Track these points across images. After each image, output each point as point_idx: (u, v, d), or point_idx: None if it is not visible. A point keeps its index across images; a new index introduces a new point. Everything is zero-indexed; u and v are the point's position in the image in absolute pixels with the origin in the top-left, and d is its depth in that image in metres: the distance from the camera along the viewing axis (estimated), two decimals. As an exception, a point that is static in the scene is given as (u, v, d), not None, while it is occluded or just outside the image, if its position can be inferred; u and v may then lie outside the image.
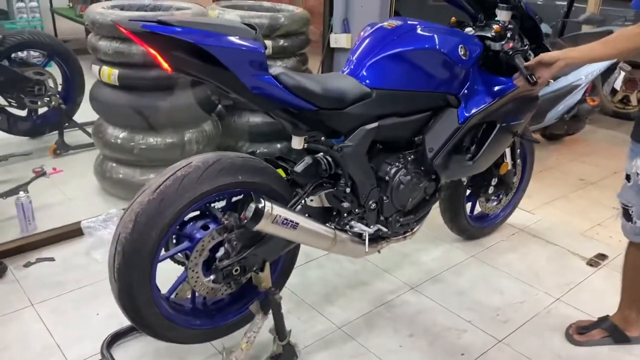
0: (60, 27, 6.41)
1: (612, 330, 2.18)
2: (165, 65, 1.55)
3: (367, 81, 1.94)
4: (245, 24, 1.66)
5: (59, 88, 3.80)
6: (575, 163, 4.15)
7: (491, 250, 2.84)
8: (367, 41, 2.04)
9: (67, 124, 3.74)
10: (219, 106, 3.43)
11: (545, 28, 4.00)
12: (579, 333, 2.20)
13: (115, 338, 2.08)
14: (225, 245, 1.77)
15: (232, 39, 1.55)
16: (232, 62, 1.54)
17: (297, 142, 1.85)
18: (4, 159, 3.47)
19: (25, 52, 4.13)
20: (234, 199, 1.83)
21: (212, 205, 1.83)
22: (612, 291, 2.27)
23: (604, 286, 2.55)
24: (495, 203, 2.89)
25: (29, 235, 2.72)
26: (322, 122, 1.84)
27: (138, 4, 3.24)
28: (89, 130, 3.76)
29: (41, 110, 3.87)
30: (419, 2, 5.75)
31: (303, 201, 1.87)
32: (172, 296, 1.90)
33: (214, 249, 1.79)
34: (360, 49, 2.04)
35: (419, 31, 2.04)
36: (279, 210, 1.71)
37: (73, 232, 2.75)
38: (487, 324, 2.28)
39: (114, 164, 3.14)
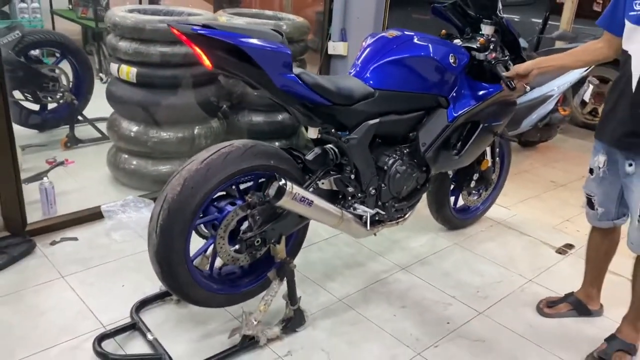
0: (59, 28, 6.59)
1: (576, 305, 2.51)
2: (207, 62, 1.84)
3: (371, 82, 2.25)
4: (273, 29, 1.95)
5: (71, 85, 4.02)
6: (547, 168, 4.52)
7: (472, 238, 3.17)
8: (370, 48, 2.36)
9: (79, 119, 3.97)
10: (224, 106, 3.70)
11: (522, 42, 4.36)
12: (548, 307, 2.53)
13: (143, 304, 2.33)
14: (249, 219, 2.06)
15: (265, 42, 1.84)
16: (264, 61, 1.83)
17: (313, 132, 2.15)
18: (22, 149, 3.68)
19: (37, 50, 4.35)
20: (260, 180, 2.11)
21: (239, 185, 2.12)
22: (577, 275, 2.60)
23: (571, 270, 2.88)
24: (476, 197, 3.22)
25: (53, 217, 2.96)
26: (334, 116, 2.14)
27: (153, 9, 3.52)
28: (98, 125, 4.02)
29: (51, 105, 4.09)
30: (405, 15, 6.13)
31: (315, 184, 2.16)
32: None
33: (239, 223, 2.07)
34: (365, 54, 2.35)
35: (416, 41, 2.37)
36: (297, 189, 2.00)
37: (93, 216, 2.99)
38: (469, 299, 2.59)
39: (126, 156, 3.38)
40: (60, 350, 2.10)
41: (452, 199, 3.15)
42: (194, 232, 2.10)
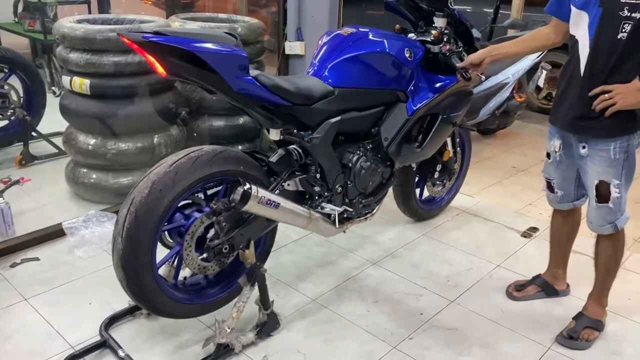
0: (5, 43, 6.38)
1: (544, 286, 2.57)
2: (161, 70, 1.80)
3: (330, 80, 2.25)
4: (227, 32, 1.93)
5: (22, 100, 3.89)
6: (507, 154, 4.61)
7: (439, 229, 3.21)
8: (327, 46, 2.36)
9: (32, 135, 3.84)
10: (183, 113, 3.65)
11: (475, 33, 4.43)
12: (517, 290, 2.58)
13: (112, 321, 2.27)
14: (215, 226, 2.03)
15: (219, 45, 1.82)
16: (219, 65, 1.81)
17: (275, 134, 2.13)
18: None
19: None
20: (215, 189, 2.09)
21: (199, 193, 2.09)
22: (543, 256, 2.65)
23: (536, 253, 2.95)
24: (440, 187, 3.26)
25: (11, 238, 2.86)
26: (295, 116, 2.13)
27: (103, 18, 3.43)
28: (53, 140, 3.91)
29: (2, 123, 3.95)
30: (360, 12, 6.17)
31: (281, 186, 2.15)
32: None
33: (206, 231, 2.04)
34: (322, 52, 2.34)
35: (371, 37, 2.38)
36: (263, 193, 1.99)
37: (54, 234, 2.90)
38: (440, 288, 2.62)
39: (85, 170, 3.29)
40: (28, 375, 2.03)
41: (418, 191, 3.19)
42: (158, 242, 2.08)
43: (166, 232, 2.11)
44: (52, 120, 3.90)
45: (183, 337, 2.24)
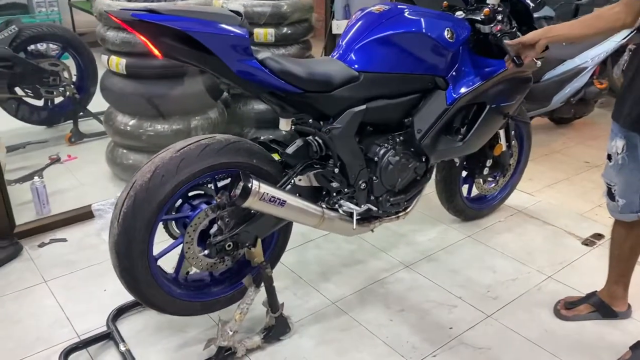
0: (78, 20, 6.56)
1: (599, 305, 2.23)
2: (155, 51, 1.65)
3: (355, 65, 2.01)
4: (232, 10, 1.74)
5: (74, 78, 3.93)
6: (581, 147, 4.15)
7: (487, 230, 2.90)
8: (355, 26, 2.11)
9: (81, 113, 3.88)
10: (225, 94, 3.53)
11: (547, 10, 4.01)
12: (567, 308, 2.25)
13: (120, 312, 2.21)
14: (218, 222, 1.88)
15: (217, 25, 1.64)
16: (217, 47, 1.63)
17: (284, 124, 1.94)
18: (22, 147, 3.63)
19: (45, 45, 4.28)
20: (224, 181, 1.94)
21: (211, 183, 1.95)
22: (605, 269, 2.30)
23: (598, 264, 2.58)
24: (492, 185, 2.94)
25: (43, 217, 2.87)
26: (309, 104, 1.92)
27: (144, -5, 3.35)
28: (102, 119, 3.93)
29: (57, 100, 4.02)
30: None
31: (292, 181, 1.96)
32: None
33: (210, 226, 1.90)
34: (350, 33, 2.11)
35: (405, 15, 2.11)
36: (266, 189, 1.81)
37: (85, 215, 2.89)
38: (477, 299, 2.35)
39: (124, 151, 3.26)
40: (31, 362, 2.00)
41: (466, 187, 2.89)
42: (165, 231, 1.96)
43: (173, 222, 1.99)
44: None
45: (189, 334, 2.13)
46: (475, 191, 2.95)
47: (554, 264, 2.61)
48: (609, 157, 1.96)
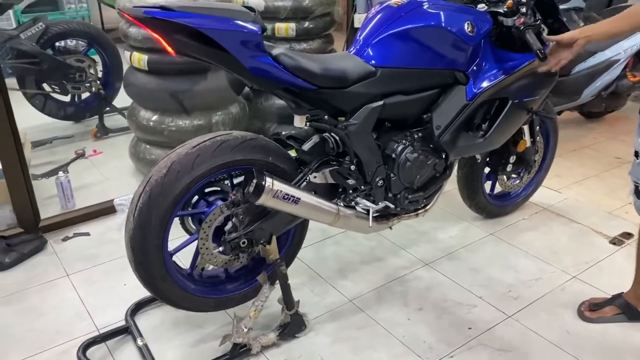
0: (107, 17, 6.66)
1: (625, 308, 2.15)
2: (169, 48, 1.65)
3: (372, 60, 1.98)
4: (246, 6, 1.73)
5: (99, 74, 3.99)
6: (612, 142, 4.02)
7: (511, 228, 2.83)
8: (373, 20, 2.08)
9: (107, 109, 3.94)
10: (247, 88, 3.53)
11: (577, 2, 3.89)
12: (591, 310, 2.18)
13: (138, 307, 2.23)
14: (233, 219, 1.88)
15: (230, 22, 1.63)
16: (229, 44, 1.62)
17: (299, 121, 1.92)
18: (49, 142, 3.71)
19: (74, 41, 4.35)
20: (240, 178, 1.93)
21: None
22: (633, 269, 2.23)
23: (625, 265, 2.50)
24: (516, 181, 2.87)
25: (68, 212, 2.93)
26: (324, 101, 1.89)
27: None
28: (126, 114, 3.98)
29: (83, 96, 4.09)
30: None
31: (308, 178, 1.94)
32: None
33: (225, 222, 1.90)
34: (367, 28, 2.07)
35: (424, 8, 2.06)
36: (280, 186, 1.79)
37: (107, 209, 2.94)
38: (498, 299, 2.29)
39: (146, 146, 3.29)
40: (51, 354, 2.03)
41: (489, 184, 2.82)
42: (181, 227, 1.97)
43: (189, 218, 2.00)
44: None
45: (206, 330, 2.14)
46: (498, 188, 2.88)
47: (580, 263, 2.53)
48: (636, 154, 1.89)
